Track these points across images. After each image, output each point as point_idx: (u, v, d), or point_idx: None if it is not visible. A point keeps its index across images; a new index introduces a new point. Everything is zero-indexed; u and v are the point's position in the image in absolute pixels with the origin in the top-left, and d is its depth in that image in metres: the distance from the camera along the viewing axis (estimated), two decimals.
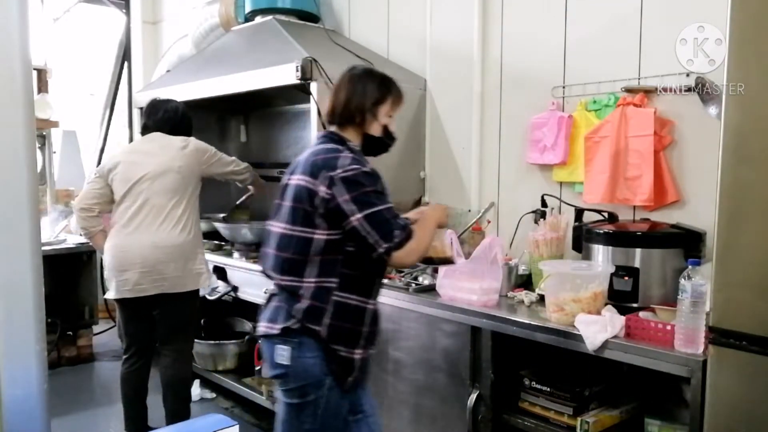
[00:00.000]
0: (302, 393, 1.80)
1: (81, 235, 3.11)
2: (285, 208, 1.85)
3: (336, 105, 1.92)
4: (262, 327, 1.88)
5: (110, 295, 2.84)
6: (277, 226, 1.86)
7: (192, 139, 2.94)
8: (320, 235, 1.77)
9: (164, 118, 2.94)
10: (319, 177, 1.76)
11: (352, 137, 1.91)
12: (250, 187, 3.39)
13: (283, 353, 1.80)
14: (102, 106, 5.32)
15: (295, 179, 1.83)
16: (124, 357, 2.93)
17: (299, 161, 1.87)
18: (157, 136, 2.90)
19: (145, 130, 2.98)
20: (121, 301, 2.84)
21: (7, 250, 0.94)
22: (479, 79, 2.91)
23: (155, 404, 2.93)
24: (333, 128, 1.93)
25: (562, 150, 2.58)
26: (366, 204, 1.73)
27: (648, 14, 2.36)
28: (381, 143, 1.99)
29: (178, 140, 2.88)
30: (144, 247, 2.72)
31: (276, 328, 1.81)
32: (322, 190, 1.75)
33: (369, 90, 1.91)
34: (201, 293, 2.94)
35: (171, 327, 2.86)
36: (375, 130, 1.94)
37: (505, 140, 2.86)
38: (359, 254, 1.79)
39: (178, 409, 2.87)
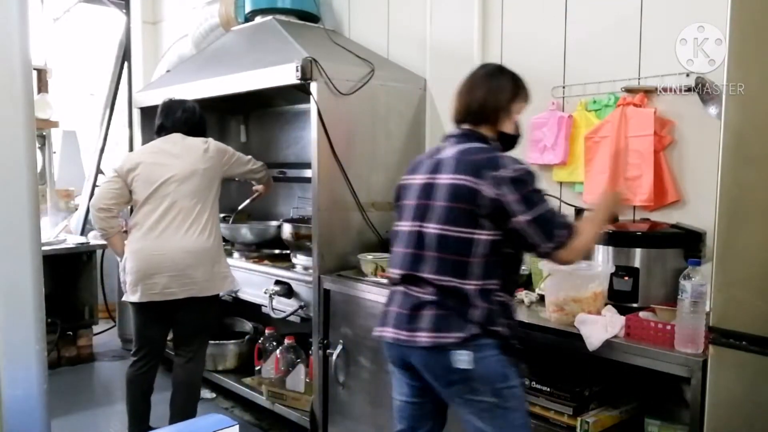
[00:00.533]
0: (494, 391, 1.75)
1: (100, 236, 3.05)
2: (438, 208, 1.77)
3: (471, 103, 1.88)
4: (425, 338, 1.74)
5: (134, 298, 2.75)
6: (433, 228, 1.77)
7: (211, 139, 2.93)
8: (483, 236, 1.72)
9: (183, 118, 2.91)
10: (483, 176, 1.71)
11: (489, 135, 1.88)
12: (259, 187, 3.36)
13: (463, 358, 1.72)
14: (102, 106, 5.31)
15: (448, 178, 1.77)
16: (134, 359, 2.89)
17: (443, 159, 1.82)
18: (177, 138, 2.86)
19: (162, 130, 2.92)
20: (142, 305, 2.77)
21: (7, 250, 0.94)
22: None
23: (154, 403, 2.93)
24: (467, 126, 1.89)
25: (562, 150, 2.58)
26: (533, 204, 1.70)
27: (648, 14, 2.36)
28: (511, 140, 1.95)
29: (199, 141, 2.87)
30: (174, 250, 2.69)
31: (452, 337, 1.72)
32: (489, 190, 1.70)
33: (504, 87, 1.90)
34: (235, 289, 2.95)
35: (193, 329, 2.85)
36: (508, 127, 1.91)
37: None
38: (515, 255, 1.82)
39: (187, 409, 2.86)
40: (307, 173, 3.20)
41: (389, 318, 1.86)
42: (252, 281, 3.31)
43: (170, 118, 2.91)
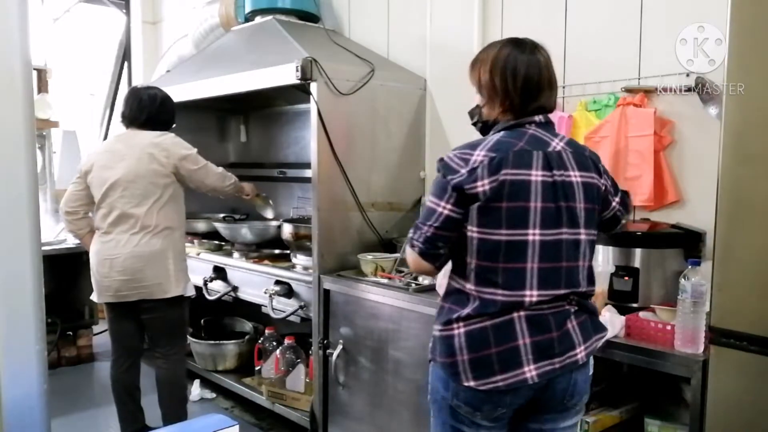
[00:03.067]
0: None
1: (73, 237, 3.06)
2: (579, 210, 1.57)
3: (548, 85, 1.66)
4: (583, 354, 1.58)
5: (95, 298, 2.84)
6: (579, 233, 1.58)
7: (168, 135, 2.80)
8: (593, 237, 1.63)
9: (139, 108, 2.81)
10: (600, 171, 1.65)
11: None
12: (245, 197, 3.27)
13: (591, 373, 1.66)
14: (102, 106, 5.32)
15: (579, 176, 1.58)
16: (113, 359, 2.92)
17: (541, 153, 1.55)
18: (130, 134, 2.80)
19: (123, 121, 2.87)
20: (107, 304, 2.83)
21: (7, 250, 0.94)
22: None
23: (154, 404, 2.93)
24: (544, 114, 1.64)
25: None
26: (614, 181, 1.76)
27: (648, 14, 2.36)
28: None
29: (150, 137, 2.75)
30: (123, 255, 2.68)
31: (591, 348, 1.62)
32: (603, 183, 1.66)
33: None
34: (190, 293, 2.88)
35: (158, 331, 2.83)
36: None
37: None
38: None
39: (173, 410, 2.86)
40: (307, 173, 3.20)
41: (524, 354, 1.52)
42: (252, 281, 3.31)
43: (128, 108, 2.84)
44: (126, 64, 5.24)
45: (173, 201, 2.78)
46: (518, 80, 1.58)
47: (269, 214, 3.56)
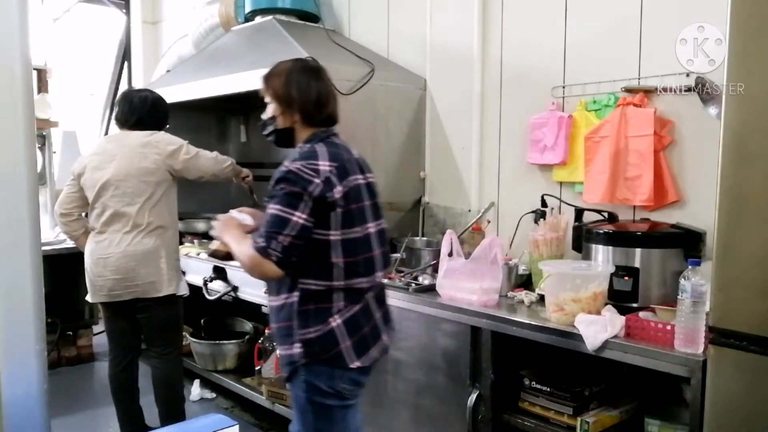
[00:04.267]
0: None
1: (68, 238, 3.07)
2: (376, 206, 1.91)
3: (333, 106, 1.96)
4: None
5: (89, 298, 2.84)
6: (383, 223, 1.93)
7: (159, 133, 2.81)
8: None
9: (130, 110, 2.83)
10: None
11: None
12: (243, 184, 3.29)
13: None
14: (102, 106, 5.32)
15: (370, 178, 1.91)
16: (110, 358, 2.93)
17: (354, 160, 1.87)
18: (119, 135, 2.83)
19: (116, 123, 2.90)
20: (102, 304, 2.85)
21: (7, 250, 0.94)
22: (479, 79, 2.91)
23: (154, 404, 2.93)
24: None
25: (562, 150, 2.58)
26: None
27: (648, 14, 2.36)
28: None
29: (141, 136, 2.76)
30: (116, 254, 2.68)
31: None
32: None
33: None
34: (182, 292, 2.87)
35: (152, 330, 2.83)
36: None
37: (505, 140, 2.86)
38: None
39: (169, 409, 2.86)
40: None
41: (380, 325, 1.88)
42: (252, 281, 3.29)
43: (120, 111, 2.86)
44: (126, 64, 5.23)
45: (165, 199, 2.78)
46: (312, 91, 1.84)
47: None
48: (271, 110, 1.88)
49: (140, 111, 2.83)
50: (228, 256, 1.96)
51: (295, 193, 1.70)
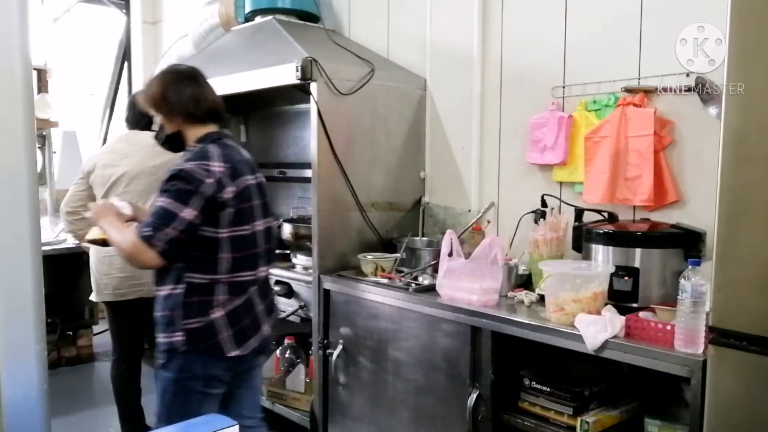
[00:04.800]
0: None
1: (72, 237, 3.08)
2: (265, 205, 2.08)
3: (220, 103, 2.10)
4: (279, 307, 2.22)
5: (93, 297, 2.85)
6: (271, 221, 2.12)
7: None
8: None
9: (141, 112, 2.85)
10: None
11: None
12: None
13: None
14: (102, 106, 5.32)
15: (259, 178, 2.06)
16: (113, 358, 2.94)
17: (245, 161, 2.02)
18: (129, 135, 2.87)
19: (126, 124, 2.95)
20: (107, 303, 2.84)
21: (7, 250, 0.94)
22: (479, 79, 2.91)
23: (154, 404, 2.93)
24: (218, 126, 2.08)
25: (562, 150, 2.58)
26: None
27: (648, 14, 2.36)
28: None
29: (150, 136, 2.80)
30: None
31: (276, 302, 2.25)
32: None
33: None
34: None
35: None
36: None
37: (505, 140, 2.86)
38: None
39: None
40: (307, 173, 3.20)
41: (261, 317, 2.06)
42: None
43: (130, 113, 2.91)
44: (126, 64, 5.24)
45: None
46: (186, 92, 1.96)
47: None
48: (158, 120, 2.04)
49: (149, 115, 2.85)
50: (105, 243, 2.04)
51: (187, 191, 1.80)
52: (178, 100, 1.95)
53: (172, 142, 2.03)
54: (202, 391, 1.95)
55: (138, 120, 2.87)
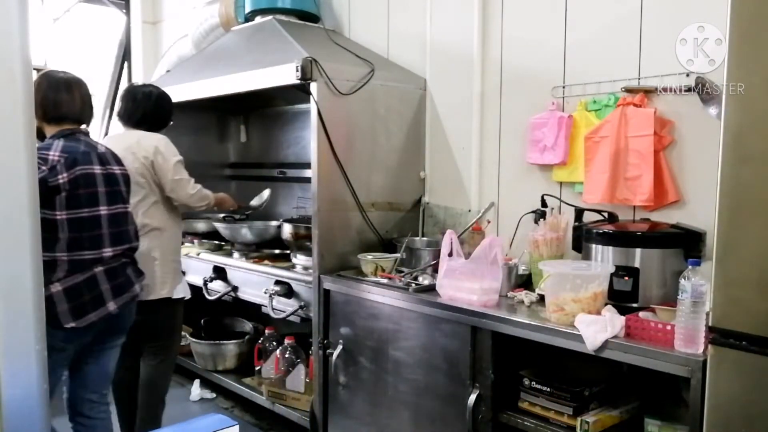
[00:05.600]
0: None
1: None
2: (114, 193, 2.30)
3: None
4: (138, 289, 2.38)
5: None
6: (126, 207, 2.37)
7: (158, 138, 2.74)
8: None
9: (134, 106, 2.80)
10: (123, 165, 2.42)
11: None
12: (230, 209, 3.29)
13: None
14: (102, 106, 5.31)
15: (118, 169, 2.35)
16: None
17: (96, 154, 2.28)
18: (117, 136, 2.79)
19: (119, 119, 2.86)
20: None
21: (7, 250, 0.94)
22: (479, 79, 2.91)
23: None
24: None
25: (562, 150, 2.58)
26: None
27: (648, 14, 2.36)
28: None
29: (134, 138, 2.72)
30: None
31: (140, 286, 2.41)
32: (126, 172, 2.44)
33: None
34: (180, 295, 2.84)
35: (147, 332, 2.80)
36: None
37: (505, 140, 2.86)
38: None
39: (144, 414, 2.82)
40: (307, 173, 3.20)
41: (107, 295, 2.22)
42: (252, 281, 3.31)
43: (123, 107, 2.83)
44: (126, 64, 5.23)
45: (163, 202, 2.76)
46: (38, 95, 2.17)
47: (256, 201, 3.59)
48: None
49: (145, 107, 2.81)
50: None
51: None
52: (38, 102, 2.16)
53: (38, 135, 2.19)
54: (60, 353, 2.13)
55: (131, 114, 2.79)
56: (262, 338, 3.54)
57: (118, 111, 2.87)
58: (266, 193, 3.58)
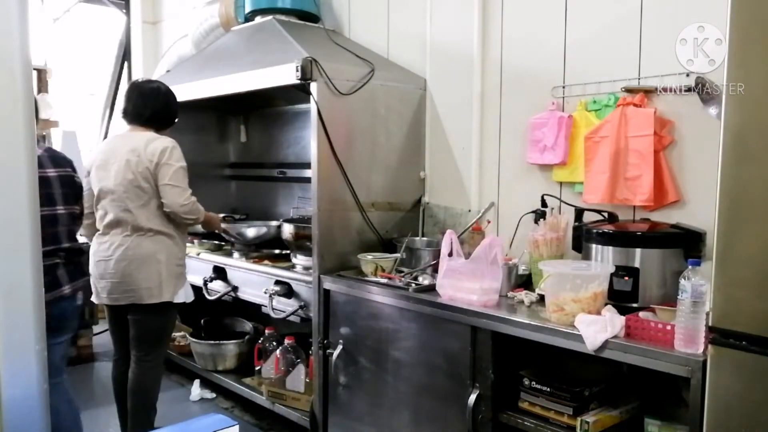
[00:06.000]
0: None
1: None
2: (66, 195, 2.40)
3: None
4: (69, 289, 2.40)
5: (93, 299, 2.83)
6: (57, 210, 2.40)
7: (165, 141, 2.70)
8: (72, 210, 2.47)
9: (143, 103, 2.76)
10: (74, 168, 2.49)
11: None
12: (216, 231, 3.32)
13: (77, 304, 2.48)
14: (102, 106, 5.32)
15: (62, 172, 2.40)
16: (114, 359, 2.93)
17: (47, 156, 2.37)
18: (125, 137, 2.77)
19: (125, 117, 2.81)
20: (106, 305, 2.83)
21: (7, 250, 0.94)
22: (479, 79, 2.91)
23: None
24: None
25: (562, 150, 2.58)
26: None
27: (648, 14, 2.36)
28: None
29: (142, 140, 2.68)
30: (114, 257, 2.67)
31: (75, 287, 2.43)
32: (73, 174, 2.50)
33: None
34: (181, 300, 2.82)
35: (139, 336, 2.80)
36: None
37: (505, 140, 2.86)
38: None
39: (135, 416, 2.81)
40: (307, 173, 3.20)
41: None
42: (252, 281, 3.31)
43: (130, 104, 2.78)
44: (126, 64, 5.24)
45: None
46: None
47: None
48: None
49: (153, 104, 2.78)
50: None
51: None
52: None
53: None
54: None
55: (140, 112, 2.75)
56: (262, 338, 3.54)
57: (123, 109, 2.83)
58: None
